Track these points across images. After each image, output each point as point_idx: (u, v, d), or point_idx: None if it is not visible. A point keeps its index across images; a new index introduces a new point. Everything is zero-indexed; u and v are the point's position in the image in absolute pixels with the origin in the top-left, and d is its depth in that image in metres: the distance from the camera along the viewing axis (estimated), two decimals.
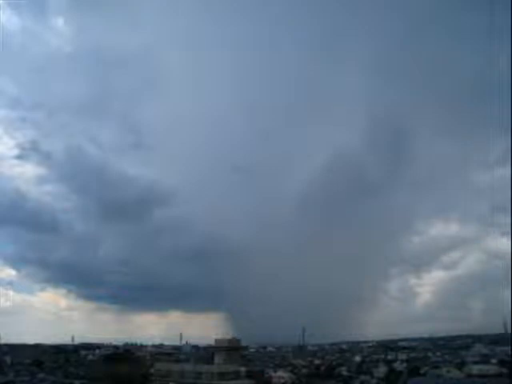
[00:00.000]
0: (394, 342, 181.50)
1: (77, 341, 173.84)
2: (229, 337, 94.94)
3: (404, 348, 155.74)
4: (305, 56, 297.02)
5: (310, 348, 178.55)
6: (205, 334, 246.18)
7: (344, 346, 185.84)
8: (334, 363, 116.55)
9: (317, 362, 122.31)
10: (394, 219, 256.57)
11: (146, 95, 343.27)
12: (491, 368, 78.88)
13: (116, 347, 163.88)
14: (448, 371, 79.30)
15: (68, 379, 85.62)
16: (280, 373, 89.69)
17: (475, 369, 78.93)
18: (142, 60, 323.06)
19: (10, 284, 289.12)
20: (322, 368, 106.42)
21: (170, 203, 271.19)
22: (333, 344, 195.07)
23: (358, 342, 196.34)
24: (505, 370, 74.17)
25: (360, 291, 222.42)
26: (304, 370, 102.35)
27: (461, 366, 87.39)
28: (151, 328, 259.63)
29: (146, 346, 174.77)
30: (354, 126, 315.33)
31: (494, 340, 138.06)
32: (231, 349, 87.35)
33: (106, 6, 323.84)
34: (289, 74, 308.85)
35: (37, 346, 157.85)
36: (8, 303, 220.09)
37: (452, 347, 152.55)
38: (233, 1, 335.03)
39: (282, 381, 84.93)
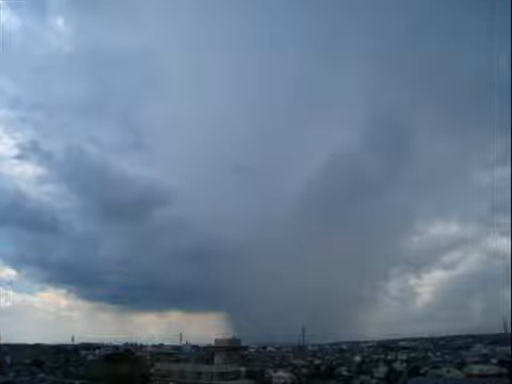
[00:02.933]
0: (394, 342, 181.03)
1: (77, 341, 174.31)
2: (229, 337, 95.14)
3: (404, 348, 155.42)
4: (305, 56, 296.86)
5: (310, 348, 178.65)
6: (205, 334, 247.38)
7: (344, 346, 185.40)
8: (334, 363, 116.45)
9: (317, 362, 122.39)
10: (394, 219, 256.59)
11: (146, 95, 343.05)
12: (491, 368, 78.95)
13: (116, 347, 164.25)
14: (448, 371, 79.40)
15: (68, 379, 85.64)
16: (280, 373, 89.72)
17: (475, 369, 78.98)
18: (142, 60, 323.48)
19: (9, 284, 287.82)
20: (322, 368, 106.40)
21: (169, 203, 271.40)
22: (333, 344, 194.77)
23: (358, 342, 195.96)
24: (505, 370, 74.33)
25: (360, 291, 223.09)
26: (304, 370, 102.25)
27: (461, 366, 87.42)
28: (151, 328, 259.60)
29: (146, 346, 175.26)
30: (354, 125, 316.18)
31: (494, 340, 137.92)
32: (231, 349, 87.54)
33: (106, 6, 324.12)
34: (289, 74, 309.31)
35: (37, 346, 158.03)
36: (8, 303, 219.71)
37: (452, 347, 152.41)
38: (233, 1, 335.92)
39: (282, 381, 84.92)
